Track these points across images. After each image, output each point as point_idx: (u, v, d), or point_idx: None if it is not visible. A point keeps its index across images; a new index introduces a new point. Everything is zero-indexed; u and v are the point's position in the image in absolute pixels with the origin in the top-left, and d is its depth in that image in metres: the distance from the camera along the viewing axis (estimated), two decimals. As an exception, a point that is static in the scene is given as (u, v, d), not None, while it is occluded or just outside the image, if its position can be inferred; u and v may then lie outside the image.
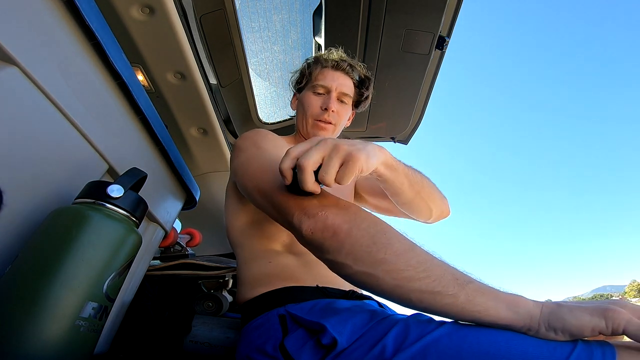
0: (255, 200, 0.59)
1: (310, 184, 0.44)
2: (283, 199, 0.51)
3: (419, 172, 0.67)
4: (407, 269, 0.43)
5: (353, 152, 0.44)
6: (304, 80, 0.93)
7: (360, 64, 0.95)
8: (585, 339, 0.40)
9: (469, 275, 0.44)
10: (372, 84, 0.96)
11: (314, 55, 1.30)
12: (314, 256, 0.50)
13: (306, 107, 0.89)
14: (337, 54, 0.93)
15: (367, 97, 0.97)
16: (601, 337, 0.40)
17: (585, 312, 0.38)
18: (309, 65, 0.93)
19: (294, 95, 0.99)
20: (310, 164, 0.44)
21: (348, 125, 1.00)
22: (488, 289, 0.43)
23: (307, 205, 0.49)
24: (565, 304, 0.40)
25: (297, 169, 0.45)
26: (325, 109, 0.86)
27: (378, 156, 0.49)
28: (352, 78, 0.92)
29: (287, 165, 0.46)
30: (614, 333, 0.37)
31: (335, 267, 0.47)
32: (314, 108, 0.87)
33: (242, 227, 0.76)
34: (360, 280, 0.45)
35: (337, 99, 0.89)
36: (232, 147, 0.76)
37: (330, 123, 0.87)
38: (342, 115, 0.90)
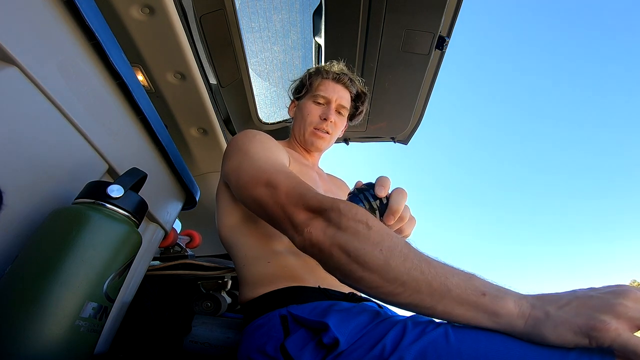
0: (251, 208, 0.64)
1: None
2: (278, 212, 0.56)
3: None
4: (385, 285, 0.44)
5: None
6: (304, 90, 0.97)
7: (359, 78, 1.00)
8: None
9: (449, 280, 0.42)
10: (367, 100, 1.02)
11: (314, 62, 1.32)
12: None
13: (305, 115, 0.92)
14: (337, 66, 0.97)
15: (361, 112, 1.02)
16: None
17: (570, 329, 0.37)
18: (310, 75, 0.97)
19: (292, 101, 1.02)
20: None
21: (341, 136, 1.05)
22: (467, 297, 0.41)
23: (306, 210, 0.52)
24: (557, 316, 0.38)
25: None
26: (325, 119, 0.90)
27: None
28: (350, 92, 0.96)
29: None
30: (600, 349, 0.36)
31: (328, 263, 0.49)
32: (313, 117, 0.91)
33: (235, 225, 0.75)
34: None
35: (336, 111, 0.92)
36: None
37: (327, 133, 0.91)
38: (339, 126, 0.94)
